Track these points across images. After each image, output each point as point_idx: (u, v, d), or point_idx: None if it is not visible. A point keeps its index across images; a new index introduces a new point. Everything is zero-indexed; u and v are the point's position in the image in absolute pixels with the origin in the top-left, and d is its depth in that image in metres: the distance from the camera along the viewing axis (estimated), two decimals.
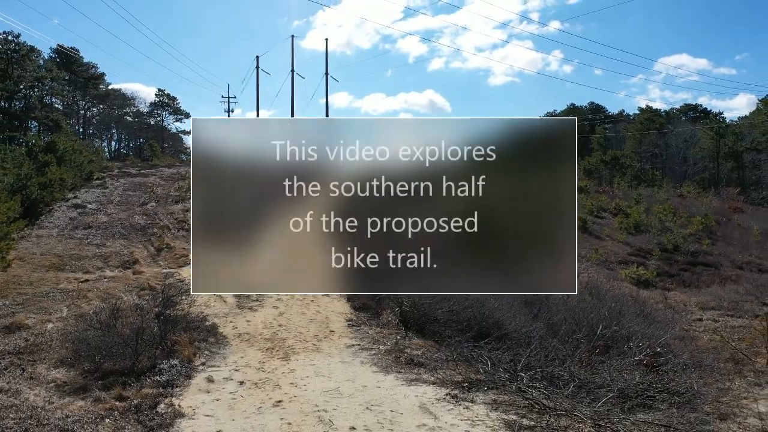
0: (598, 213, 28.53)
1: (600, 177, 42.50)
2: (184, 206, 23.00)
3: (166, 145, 63.39)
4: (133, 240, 18.66)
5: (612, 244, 22.94)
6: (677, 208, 30.92)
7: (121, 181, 28.42)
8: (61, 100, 38.61)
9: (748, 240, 25.76)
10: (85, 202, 23.18)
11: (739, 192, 39.08)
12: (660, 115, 65.62)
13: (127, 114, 62.98)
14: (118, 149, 72.92)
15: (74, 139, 39.46)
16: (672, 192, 40.83)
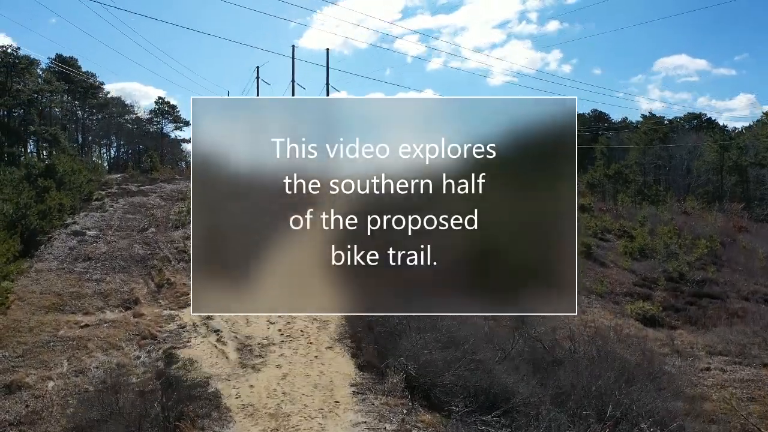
0: (603, 235, 28.32)
1: (603, 191, 42.28)
2: (184, 233, 22.79)
3: (165, 152, 63.14)
4: (133, 273, 18.46)
5: (617, 272, 22.74)
6: (682, 229, 30.73)
7: (121, 202, 28.18)
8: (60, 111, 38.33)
9: (753, 265, 25.56)
10: (85, 228, 22.95)
11: (743, 207, 38.86)
12: (663, 123, 65.40)
13: (126, 122, 62.74)
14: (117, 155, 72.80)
15: (73, 154, 39.28)
16: (676, 208, 40.64)
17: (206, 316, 14.66)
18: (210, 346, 12.73)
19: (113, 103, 57.20)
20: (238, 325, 13.99)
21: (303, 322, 14.33)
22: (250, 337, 13.20)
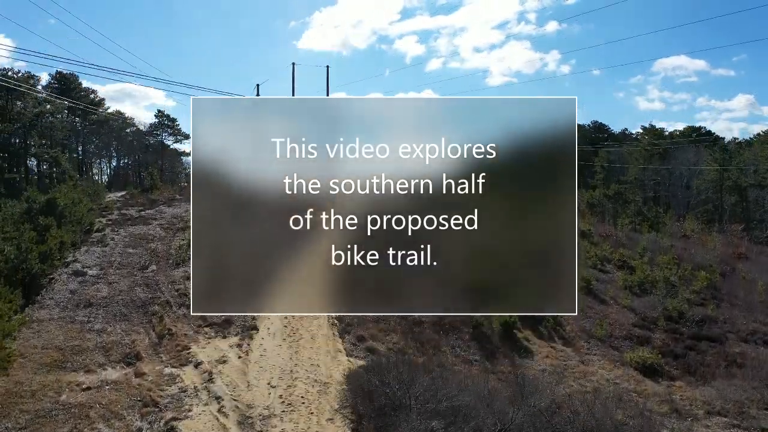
0: (602, 265, 28.36)
1: (603, 211, 42.32)
2: (184, 271, 22.83)
3: (165, 165, 63.14)
4: (134, 321, 18.51)
5: (616, 310, 22.79)
6: (681, 257, 30.78)
7: (121, 233, 28.23)
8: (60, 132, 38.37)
9: (753, 298, 25.62)
10: (86, 266, 23.00)
11: (743, 228, 38.89)
12: (663, 135, 65.39)
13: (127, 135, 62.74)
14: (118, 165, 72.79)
15: (73, 175, 39.28)
16: (676, 228, 40.67)
17: (208, 378, 14.74)
18: (211, 417, 12.78)
19: (113, 119, 57.20)
20: (239, 390, 14.05)
21: (304, 385, 14.39)
22: (252, 406, 13.25)
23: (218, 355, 16.04)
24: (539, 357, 18.17)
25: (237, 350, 16.42)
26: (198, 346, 16.76)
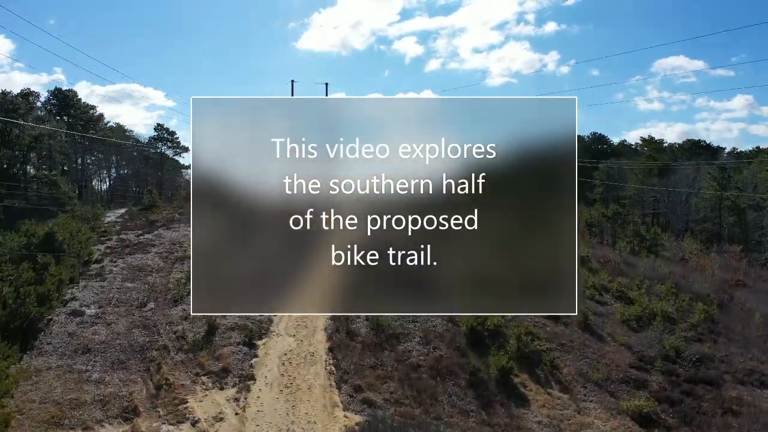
0: (600, 295, 28.39)
1: (602, 231, 42.36)
2: (183, 310, 22.89)
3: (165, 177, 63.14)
4: (132, 369, 18.56)
5: (614, 349, 22.81)
6: (679, 284, 30.82)
7: (119, 264, 28.27)
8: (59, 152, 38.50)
9: (750, 332, 25.66)
10: (84, 305, 23.05)
11: (742, 250, 38.91)
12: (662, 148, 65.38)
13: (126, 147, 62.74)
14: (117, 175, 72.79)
15: (72, 198, 39.30)
16: (675, 248, 40.69)
17: None
18: None
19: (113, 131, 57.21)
20: None
21: None
22: None
23: (215, 411, 16.09)
24: (536, 406, 18.19)
25: (234, 405, 16.46)
26: (195, 399, 16.81)
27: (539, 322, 24.60)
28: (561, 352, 21.87)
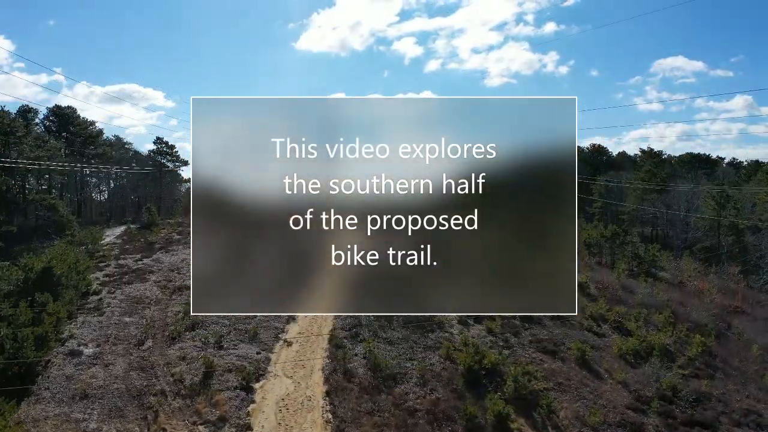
0: (598, 326, 28.42)
1: (601, 251, 42.36)
2: (180, 348, 22.93)
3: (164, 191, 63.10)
4: (129, 417, 18.58)
5: (611, 387, 22.83)
6: (677, 312, 30.83)
7: (117, 296, 28.28)
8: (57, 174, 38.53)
9: (747, 367, 25.67)
10: (81, 343, 23.07)
11: (741, 271, 38.89)
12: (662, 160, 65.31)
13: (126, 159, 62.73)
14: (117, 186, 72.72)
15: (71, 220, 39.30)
16: (673, 270, 40.66)
17: None
18: None
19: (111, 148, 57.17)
20: None
21: None
22: None
23: None
24: None
25: None
26: None
27: (536, 357, 24.64)
28: (558, 392, 21.89)
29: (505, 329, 26.84)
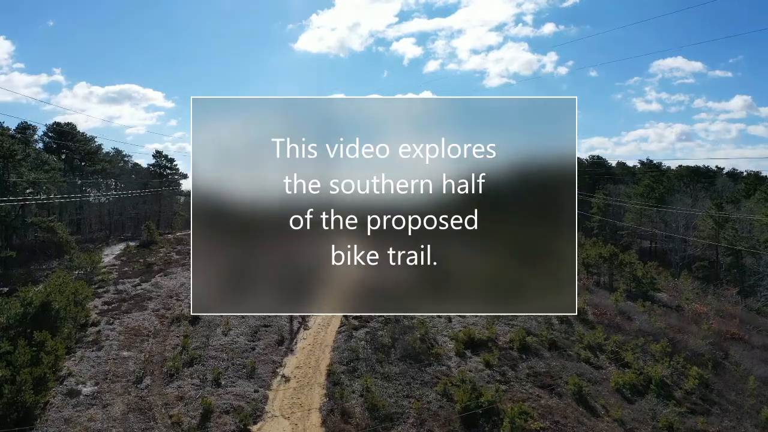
0: (596, 356, 28.48)
1: (599, 272, 42.42)
2: (178, 387, 23.01)
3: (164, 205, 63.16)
4: None
5: (607, 426, 22.91)
6: (674, 340, 30.89)
7: (116, 327, 28.35)
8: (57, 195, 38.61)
9: (743, 400, 25.74)
10: (80, 381, 23.14)
11: (738, 292, 38.96)
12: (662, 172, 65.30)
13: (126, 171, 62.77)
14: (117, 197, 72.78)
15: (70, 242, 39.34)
16: (671, 288, 40.70)
17: None
18: None
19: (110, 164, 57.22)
20: None
21: None
22: None
23: None
24: None
25: None
26: None
27: (533, 393, 24.72)
28: None
29: (502, 361, 26.93)
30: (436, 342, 28.66)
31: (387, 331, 29.08)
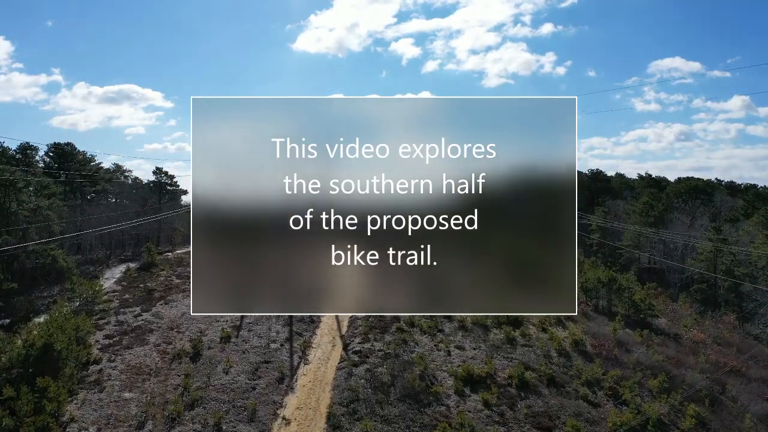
0: (594, 393, 28.68)
1: (598, 297, 42.64)
2: None
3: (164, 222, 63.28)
4: None
5: None
6: (672, 374, 31.09)
7: (118, 365, 28.53)
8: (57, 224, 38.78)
9: None
10: (83, 427, 23.33)
11: (737, 317, 39.17)
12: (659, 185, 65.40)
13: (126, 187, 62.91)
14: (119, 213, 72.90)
15: (71, 268, 39.51)
16: (670, 312, 40.89)
17: None
18: None
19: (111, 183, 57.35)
20: None
21: None
22: None
23: None
24: None
25: None
26: None
27: None
28: None
29: (501, 400, 27.13)
30: (436, 379, 28.85)
31: (386, 368, 29.26)
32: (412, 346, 32.26)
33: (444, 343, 32.84)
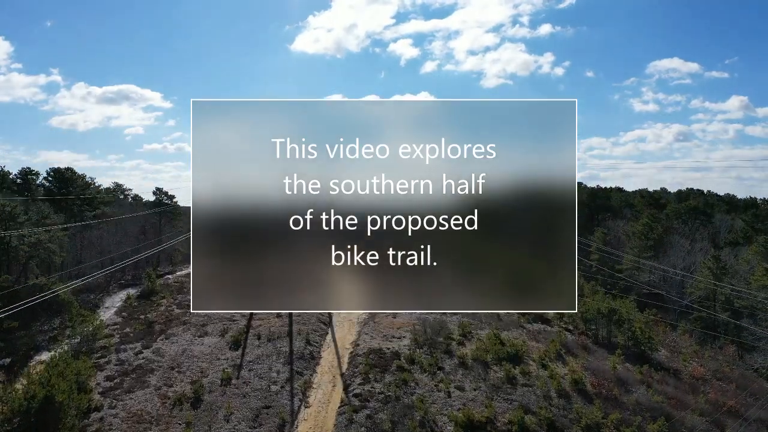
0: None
1: (597, 327, 42.75)
2: None
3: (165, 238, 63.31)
4: None
5: None
6: (671, 417, 31.17)
7: (119, 413, 28.57)
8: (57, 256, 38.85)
9: None
10: None
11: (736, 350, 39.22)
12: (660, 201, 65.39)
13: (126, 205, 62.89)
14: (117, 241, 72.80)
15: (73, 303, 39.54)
16: (670, 342, 40.95)
17: None
18: None
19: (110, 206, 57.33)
20: None
21: None
22: None
23: None
24: None
25: None
26: None
27: None
28: None
29: None
30: (436, 424, 28.92)
31: (387, 413, 29.33)
32: (412, 387, 32.30)
33: (444, 383, 32.88)
